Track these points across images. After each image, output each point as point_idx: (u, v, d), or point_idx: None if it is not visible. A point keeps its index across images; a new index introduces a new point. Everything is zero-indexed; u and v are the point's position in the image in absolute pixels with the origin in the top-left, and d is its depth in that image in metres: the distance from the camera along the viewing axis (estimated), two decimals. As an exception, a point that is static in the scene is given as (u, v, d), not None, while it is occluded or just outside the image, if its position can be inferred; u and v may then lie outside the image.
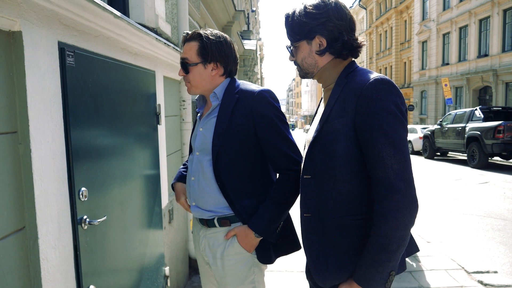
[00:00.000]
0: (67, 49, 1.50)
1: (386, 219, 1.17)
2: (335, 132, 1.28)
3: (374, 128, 1.20)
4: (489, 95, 20.75)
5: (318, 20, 1.34)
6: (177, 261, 3.29)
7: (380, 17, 37.33)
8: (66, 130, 1.52)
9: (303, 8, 1.38)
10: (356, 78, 1.31)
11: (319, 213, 1.33)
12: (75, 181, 1.55)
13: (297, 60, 1.46)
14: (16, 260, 1.28)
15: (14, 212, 1.27)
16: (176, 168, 3.37)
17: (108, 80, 1.86)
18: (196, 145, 1.72)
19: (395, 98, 1.23)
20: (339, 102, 1.31)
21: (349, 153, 1.27)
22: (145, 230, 2.34)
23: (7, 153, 1.24)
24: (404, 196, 1.17)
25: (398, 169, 1.18)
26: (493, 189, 8.25)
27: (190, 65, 1.67)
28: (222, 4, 6.82)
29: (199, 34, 1.68)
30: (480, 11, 20.87)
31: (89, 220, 1.61)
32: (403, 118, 1.24)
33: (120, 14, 1.84)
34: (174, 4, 3.45)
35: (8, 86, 1.25)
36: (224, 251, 1.66)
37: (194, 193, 1.70)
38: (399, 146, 1.19)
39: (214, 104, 1.69)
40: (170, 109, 3.16)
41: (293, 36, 1.41)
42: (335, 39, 1.35)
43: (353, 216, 1.29)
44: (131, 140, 2.14)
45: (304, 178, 1.38)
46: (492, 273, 3.86)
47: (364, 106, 1.23)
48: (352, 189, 1.28)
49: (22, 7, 1.26)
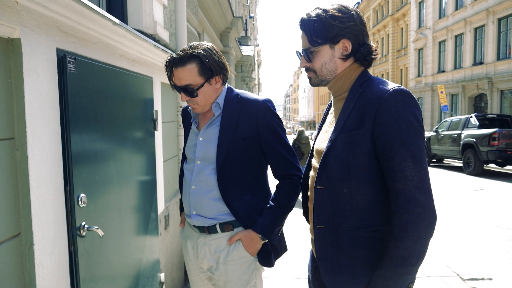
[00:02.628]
0: (68, 56, 1.50)
1: (407, 232, 1.16)
2: (352, 143, 1.26)
3: (394, 139, 1.19)
4: (484, 103, 20.89)
5: (345, 23, 1.30)
6: (173, 267, 3.28)
7: (377, 25, 37.61)
8: (65, 137, 1.52)
9: (325, 11, 1.32)
10: (372, 88, 1.28)
11: (333, 225, 1.31)
12: (74, 187, 1.54)
13: (315, 65, 1.39)
14: (11, 266, 1.27)
15: (10, 218, 1.27)
16: (172, 174, 3.37)
17: (107, 87, 1.87)
18: (197, 154, 1.71)
19: (414, 110, 1.21)
20: (355, 112, 1.28)
21: (366, 164, 1.25)
22: (142, 236, 2.34)
23: (4, 159, 1.24)
24: (425, 209, 1.15)
25: (418, 181, 1.16)
26: (488, 196, 8.28)
27: (198, 89, 1.63)
28: (220, 10, 6.85)
29: (192, 55, 1.60)
30: (475, 20, 21.07)
31: (87, 226, 1.61)
32: (422, 129, 1.22)
33: (118, 21, 1.86)
34: (172, 10, 3.47)
35: (6, 92, 1.25)
36: (228, 255, 1.67)
37: (195, 201, 1.70)
38: (419, 158, 1.18)
39: (216, 113, 1.70)
40: (167, 115, 3.17)
41: (315, 40, 1.34)
42: (360, 44, 1.33)
43: (368, 228, 1.27)
44: (129, 146, 2.14)
45: (317, 188, 1.34)
46: (487, 280, 3.88)
47: (383, 117, 1.20)
48: (368, 200, 1.26)
49: (21, 15, 1.27)
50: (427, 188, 1.17)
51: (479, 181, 10.52)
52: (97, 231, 1.62)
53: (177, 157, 3.59)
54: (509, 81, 18.40)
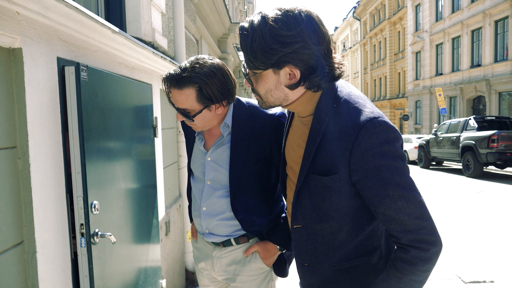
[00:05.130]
0: (81, 64, 1.50)
1: (412, 267, 1.07)
2: (327, 188, 1.12)
3: (376, 185, 1.05)
4: (482, 105, 20.96)
5: (290, 46, 1.01)
6: (174, 273, 3.28)
7: (374, 28, 37.80)
8: (80, 144, 1.51)
9: (267, 26, 1.02)
10: (341, 119, 1.08)
11: (317, 262, 1.24)
12: (88, 194, 1.53)
13: (259, 90, 1.15)
14: (14, 274, 1.28)
15: (12, 226, 1.27)
16: (172, 180, 3.38)
17: (114, 94, 1.87)
18: (208, 177, 1.62)
19: (392, 144, 1.05)
20: (323, 149, 1.11)
21: (347, 205, 1.14)
22: (145, 243, 2.34)
23: (6, 167, 1.25)
24: (432, 243, 1.07)
25: (415, 214, 1.04)
26: (488, 198, 8.29)
27: (195, 115, 1.47)
28: (217, 16, 6.89)
29: (191, 78, 1.41)
30: (472, 22, 21.19)
31: (101, 233, 1.60)
32: (404, 158, 1.07)
33: (118, 29, 1.87)
34: (170, 18, 3.50)
35: (8, 102, 1.27)
36: (245, 267, 1.64)
37: (207, 222, 1.65)
38: (409, 191, 1.05)
39: (224, 134, 1.58)
40: (166, 121, 3.18)
41: (254, 63, 1.07)
42: (311, 70, 1.06)
43: (353, 260, 1.20)
44: (133, 153, 2.15)
45: (294, 228, 1.25)
46: (488, 283, 3.88)
47: (359, 164, 1.05)
48: (350, 235, 1.18)
49: (22, 25, 1.29)
50: (426, 216, 1.06)
51: (479, 183, 10.52)
52: (109, 238, 1.61)
53: (176, 164, 3.60)
54: (507, 83, 18.47)
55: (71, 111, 1.50)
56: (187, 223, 3.70)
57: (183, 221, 3.70)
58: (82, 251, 1.52)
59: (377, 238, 1.22)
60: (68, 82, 1.49)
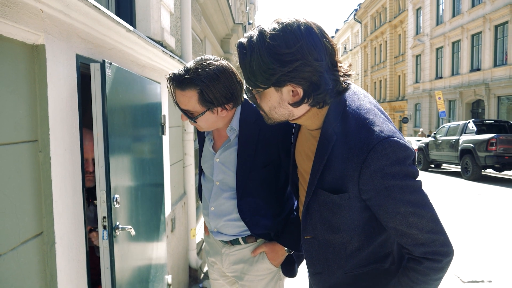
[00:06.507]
0: (106, 61, 1.53)
1: (425, 277, 1.08)
2: (336, 204, 1.12)
3: (388, 203, 1.04)
4: (481, 109, 21.04)
5: (290, 64, 0.97)
6: (179, 269, 3.32)
7: (375, 31, 37.90)
8: (104, 139, 1.55)
9: (265, 44, 0.98)
10: (349, 136, 1.06)
11: (329, 271, 1.24)
12: (111, 187, 1.56)
13: (263, 107, 1.12)
14: (34, 264, 1.32)
15: (33, 217, 1.32)
16: (178, 178, 3.42)
17: (131, 91, 1.90)
18: (216, 178, 1.63)
19: (402, 164, 1.02)
20: (332, 167, 1.09)
21: (357, 218, 1.14)
22: (154, 238, 2.38)
23: (28, 160, 1.29)
24: (445, 254, 1.06)
25: (428, 228, 1.04)
26: (487, 200, 8.34)
27: (197, 117, 1.46)
28: (221, 17, 6.94)
29: (192, 81, 1.38)
30: (472, 27, 21.28)
31: (121, 226, 1.64)
32: (414, 172, 1.05)
33: (132, 28, 1.92)
34: (178, 17, 3.55)
35: (30, 96, 1.31)
36: (253, 266, 1.65)
37: (215, 222, 1.67)
38: (421, 206, 1.04)
39: (231, 137, 1.57)
40: (173, 119, 3.23)
41: (254, 82, 1.04)
42: (315, 87, 1.01)
43: (366, 267, 1.21)
44: (145, 150, 2.19)
45: (305, 239, 1.26)
46: (486, 283, 3.93)
47: (370, 184, 1.04)
48: (362, 245, 1.18)
49: (45, 22, 1.33)
50: (439, 229, 1.05)
51: (477, 186, 10.58)
52: (130, 231, 1.64)
53: (182, 162, 3.64)
54: (506, 87, 18.56)
55: (95, 107, 1.53)
56: (191, 221, 3.74)
57: (188, 218, 3.74)
58: (104, 243, 1.55)
59: (389, 245, 1.23)
60: (93, 78, 1.52)
